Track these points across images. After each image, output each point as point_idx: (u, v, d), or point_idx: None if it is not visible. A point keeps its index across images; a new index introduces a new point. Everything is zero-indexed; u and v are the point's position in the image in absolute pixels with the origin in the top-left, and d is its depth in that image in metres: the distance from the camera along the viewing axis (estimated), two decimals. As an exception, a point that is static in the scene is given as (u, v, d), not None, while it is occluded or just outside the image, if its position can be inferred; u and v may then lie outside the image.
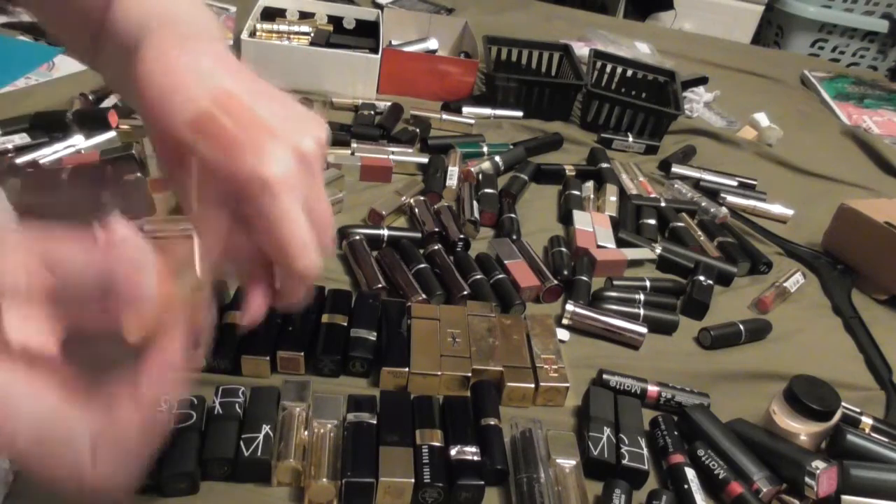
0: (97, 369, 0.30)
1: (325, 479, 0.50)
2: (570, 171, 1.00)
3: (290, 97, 0.40)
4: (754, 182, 1.08)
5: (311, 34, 1.15)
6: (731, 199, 1.02)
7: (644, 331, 0.72)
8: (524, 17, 1.55)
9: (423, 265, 0.74)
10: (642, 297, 0.77)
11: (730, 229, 0.95)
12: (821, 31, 2.03)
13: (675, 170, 1.06)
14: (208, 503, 0.50)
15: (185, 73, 0.36)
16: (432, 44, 1.22)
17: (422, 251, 0.77)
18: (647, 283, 0.80)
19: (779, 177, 1.14)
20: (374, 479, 0.51)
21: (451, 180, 0.90)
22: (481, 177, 0.91)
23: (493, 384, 0.62)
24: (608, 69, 1.21)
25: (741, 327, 0.75)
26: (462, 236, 0.80)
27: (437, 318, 0.66)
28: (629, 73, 1.21)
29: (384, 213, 0.81)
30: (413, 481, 0.51)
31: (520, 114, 1.12)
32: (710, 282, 0.81)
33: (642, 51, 1.45)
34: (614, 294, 0.77)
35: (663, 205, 0.95)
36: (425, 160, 0.93)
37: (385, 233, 0.78)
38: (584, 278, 0.77)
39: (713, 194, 1.03)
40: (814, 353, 0.76)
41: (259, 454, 0.51)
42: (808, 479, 0.55)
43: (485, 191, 0.89)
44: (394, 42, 1.22)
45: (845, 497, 0.55)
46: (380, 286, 0.70)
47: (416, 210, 0.83)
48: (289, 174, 0.35)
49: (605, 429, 0.59)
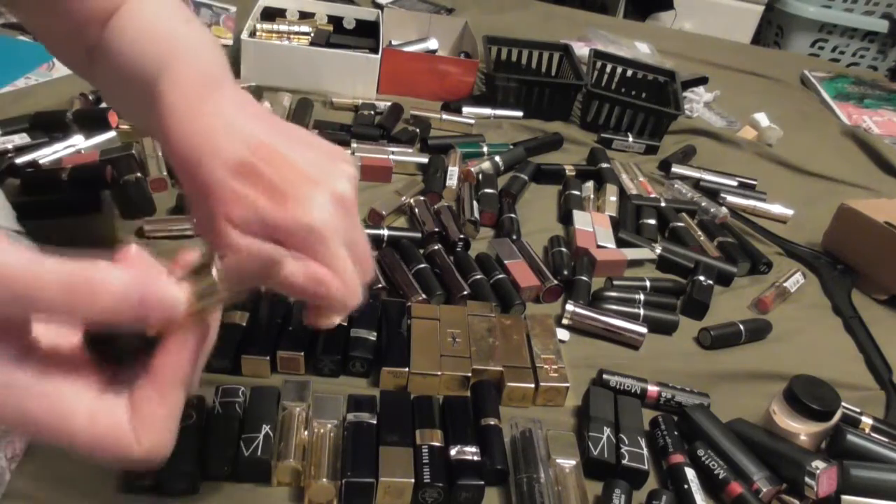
0: (116, 360, 0.32)
1: (325, 479, 0.50)
2: (570, 171, 1.00)
3: (313, 135, 0.43)
4: (754, 182, 1.08)
5: (311, 34, 1.15)
6: (731, 199, 1.02)
7: (644, 331, 0.72)
8: (524, 17, 1.55)
9: (423, 265, 0.74)
10: (642, 297, 0.77)
11: (730, 229, 0.95)
12: (821, 31, 2.03)
13: (675, 170, 1.06)
14: (208, 503, 0.50)
15: (217, 128, 0.39)
16: (432, 44, 1.22)
17: (422, 251, 0.77)
18: (647, 283, 0.80)
19: (779, 177, 1.14)
20: (374, 479, 0.51)
21: (451, 180, 0.90)
22: (481, 177, 0.91)
23: (493, 384, 0.62)
24: (608, 69, 1.21)
25: (741, 327, 0.75)
26: (462, 236, 0.80)
27: (437, 318, 0.66)
28: (629, 73, 1.21)
29: (384, 213, 0.81)
30: (413, 481, 0.51)
31: (520, 114, 1.12)
32: (710, 282, 0.81)
33: (642, 51, 1.45)
34: (614, 294, 0.77)
35: (663, 205, 0.95)
36: (425, 160, 0.93)
37: (385, 233, 0.78)
38: (584, 278, 0.77)
39: (713, 194, 1.03)
40: (814, 353, 0.76)
41: (259, 454, 0.51)
42: (808, 479, 0.55)
43: (485, 191, 0.89)
44: (394, 42, 1.21)
45: (845, 497, 0.55)
46: (380, 286, 0.70)
47: (416, 210, 0.83)
48: (331, 219, 0.39)
49: (605, 429, 0.59)
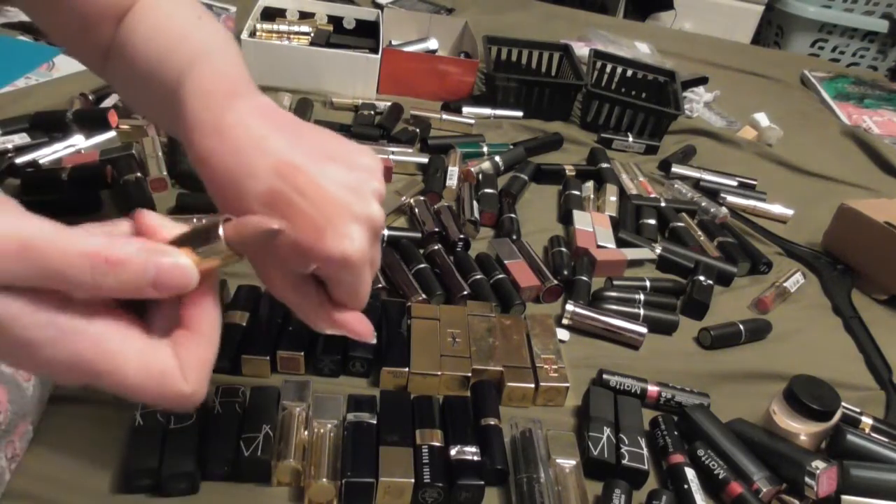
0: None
1: (325, 479, 0.50)
2: (570, 171, 1.00)
3: (339, 141, 0.42)
4: (754, 182, 1.08)
5: (311, 34, 1.15)
6: (731, 199, 1.02)
7: (644, 331, 0.72)
8: (524, 17, 1.55)
9: (423, 265, 0.74)
10: (642, 297, 0.77)
11: (730, 229, 0.95)
12: (821, 31, 2.03)
13: (675, 170, 1.06)
14: (208, 503, 0.50)
15: (246, 148, 0.39)
16: (432, 44, 1.22)
17: (422, 251, 0.77)
18: (647, 283, 0.80)
19: (779, 177, 1.14)
20: (374, 479, 0.51)
21: (451, 180, 0.90)
22: (481, 177, 0.91)
23: (493, 384, 0.62)
24: (608, 69, 1.21)
25: (741, 327, 0.75)
26: (462, 236, 0.80)
27: (437, 318, 0.66)
28: (629, 73, 1.21)
29: (384, 213, 0.81)
30: (413, 481, 0.51)
31: (520, 114, 1.12)
32: (710, 282, 0.81)
33: (642, 51, 1.45)
34: (614, 294, 0.77)
35: (663, 205, 0.95)
36: (425, 160, 0.93)
37: (385, 233, 0.78)
38: (584, 278, 0.77)
39: (713, 194, 1.03)
40: (814, 353, 0.76)
41: (259, 454, 0.51)
42: (808, 479, 0.55)
43: (485, 191, 0.89)
44: (394, 42, 1.21)
45: (845, 497, 0.55)
46: (380, 286, 0.70)
47: (416, 210, 0.83)
48: (365, 248, 0.40)
49: (605, 429, 0.59)
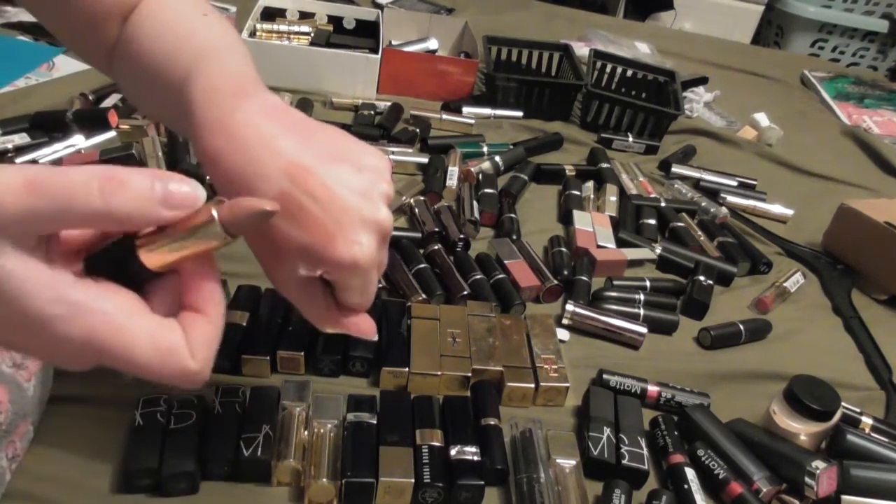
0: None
1: (325, 479, 0.50)
2: (570, 171, 1.00)
3: (348, 140, 0.42)
4: (754, 182, 1.08)
5: (311, 34, 1.15)
6: (731, 199, 1.02)
7: (644, 331, 0.72)
8: (524, 17, 1.55)
9: (423, 265, 0.74)
10: (642, 297, 0.77)
11: (730, 229, 0.95)
12: (821, 31, 2.03)
13: (675, 170, 1.06)
14: (208, 503, 0.50)
15: (255, 147, 0.39)
16: (432, 44, 1.22)
17: (422, 251, 0.77)
18: (647, 283, 0.80)
19: (779, 177, 1.14)
20: (374, 479, 0.51)
21: (451, 180, 0.90)
22: (481, 177, 0.91)
23: (493, 384, 0.62)
24: (608, 69, 1.21)
25: (741, 327, 0.75)
26: (462, 236, 0.80)
27: (437, 318, 0.66)
28: (629, 73, 1.21)
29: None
30: (413, 481, 0.51)
31: (520, 114, 1.12)
32: (710, 282, 0.81)
33: (642, 51, 1.45)
34: (614, 294, 0.77)
35: (663, 205, 0.95)
36: (425, 160, 0.93)
37: (385, 233, 0.78)
38: (584, 278, 0.77)
39: (713, 194, 1.03)
40: (814, 353, 0.76)
41: (259, 454, 0.51)
42: (808, 479, 0.55)
43: (485, 191, 0.89)
44: (394, 42, 1.21)
45: (845, 497, 0.55)
46: (380, 286, 0.70)
47: (416, 210, 0.83)
48: (374, 253, 0.40)
49: (605, 429, 0.59)
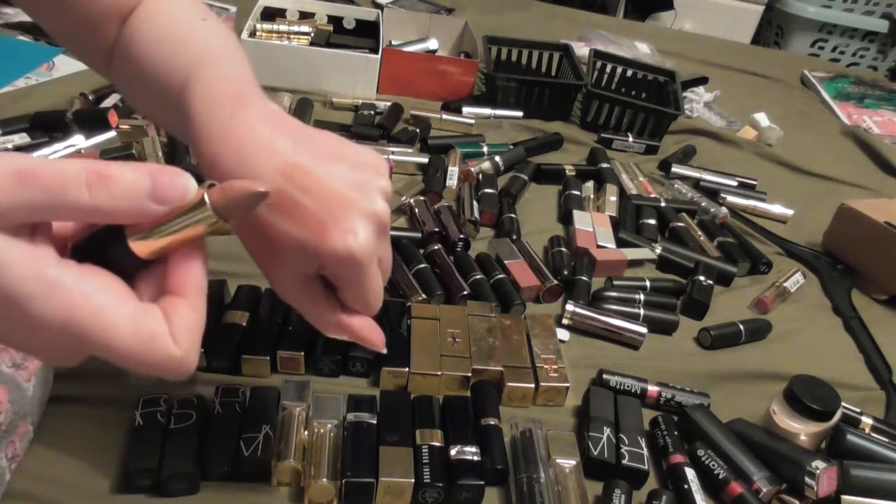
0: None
1: (325, 479, 0.50)
2: (570, 171, 1.00)
3: (344, 143, 0.42)
4: (754, 182, 1.08)
5: (311, 34, 1.15)
6: (731, 199, 1.02)
7: (644, 331, 0.72)
8: (524, 17, 1.55)
9: (423, 265, 0.74)
10: (642, 297, 0.77)
11: (730, 229, 0.95)
12: (821, 31, 2.03)
13: (675, 170, 1.06)
14: (208, 503, 0.50)
15: (252, 150, 0.39)
16: (432, 44, 1.22)
17: (422, 251, 0.77)
18: (647, 283, 0.80)
19: (779, 177, 1.14)
20: (374, 479, 0.51)
21: (451, 180, 0.90)
22: (481, 177, 0.91)
23: (493, 384, 0.62)
24: (608, 69, 1.21)
25: (741, 327, 0.75)
26: (462, 236, 0.80)
27: (437, 318, 0.66)
28: (629, 73, 1.21)
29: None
30: (413, 481, 0.51)
31: (520, 114, 1.12)
32: (710, 282, 0.81)
33: (642, 51, 1.45)
34: (614, 294, 0.77)
35: (663, 205, 0.95)
36: (425, 160, 0.93)
37: (385, 233, 0.78)
38: (584, 278, 0.77)
39: (713, 194, 1.03)
40: (814, 353, 0.76)
41: (259, 454, 0.51)
42: (808, 479, 0.55)
43: (485, 191, 0.89)
44: (394, 42, 1.21)
45: (845, 497, 0.55)
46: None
47: (416, 210, 0.83)
48: (370, 243, 0.39)
49: (605, 429, 0.59)
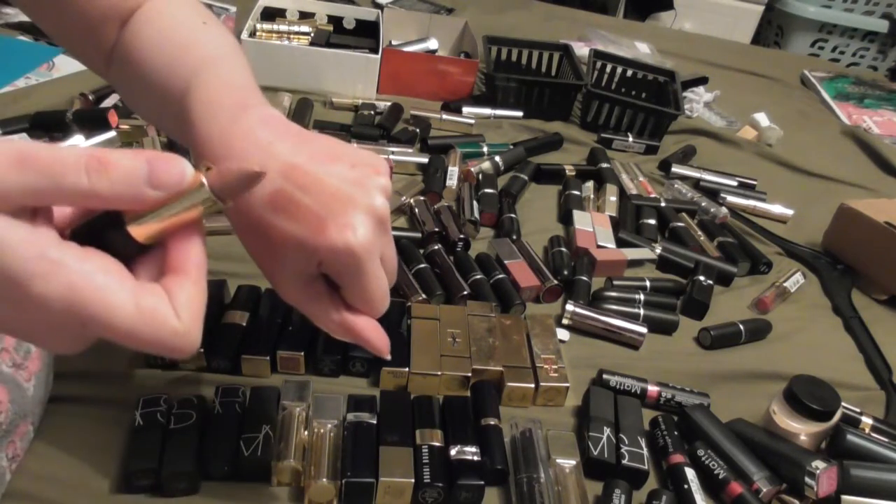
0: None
1: (325, 479, 0.50)
2: (570, 171, 1.00)
3: (342, 144, 0.42)
4: (754, 182, 1.08)
5: (311, 34, 1.15)
6: (731, 199, 1.02)
7: (644, 331, 0.72)
8: (524, 17, 1.55)
9: (423, 265, 0.74)
10: (642, 297, 0.77)
11: (730, 229, 0.95)
12: (821, 31, 2.03)
13: (675, 170, 1.06)
14: (208, 503, 0.50)
15: (253, 154, 0.39)
16: (432, 44, 1.22)
17: (422, 251, 0.77)
18: (647, 283, 0.80)
19: (779, 177, 1.14)
20: (374, 479, 0.51)
21: (451, 180, 0.90)
22: (481, 177, 0.91)
23: (493, 384, 0.62)
24: (608, 69, 1.21)
25: (741, 327, 0.75)
26: (462, 236, 0.80)
27: (437, 318, 0.66)
28: (629, 73, 1.21)
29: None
30: (413, 481, 0.51)
31: (520, 114, 1.12)
32: (710, 282, 0.81)
33: (642, 51, 1.45)
34: (614, 294, 0.77)
35: (663, 205, 0.95)
36: (425, 160, 0.93)
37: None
38: (584, 278, 0.77)
39: (713, 194, 1.03)
40: (814, 353, 0.76)
41: (259, 454, 0.51)
42: (808, 479, 0.55)
43: (485, 191, 0.89)
44: (394, 42, 1.22)
45: (845, 497, 0.55)
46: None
47: (416, 210, 0.83)
48: (369, 239, 0.39)
49: (605, 429, 0.59)
